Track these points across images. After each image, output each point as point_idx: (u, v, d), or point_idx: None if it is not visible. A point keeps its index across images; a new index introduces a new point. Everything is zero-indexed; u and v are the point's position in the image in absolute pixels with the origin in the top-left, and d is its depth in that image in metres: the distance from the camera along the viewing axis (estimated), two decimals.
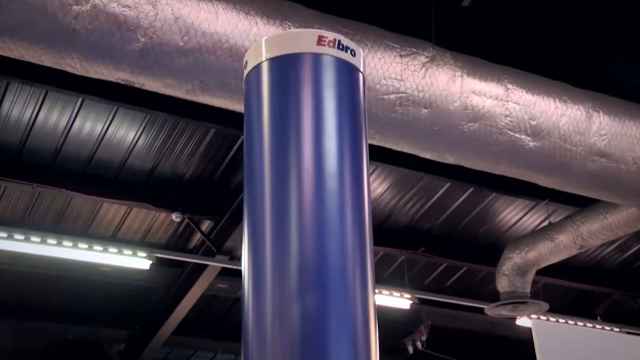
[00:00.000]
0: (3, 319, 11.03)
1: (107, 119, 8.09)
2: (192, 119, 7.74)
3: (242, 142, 4.14)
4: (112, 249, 8.84)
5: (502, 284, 9.42)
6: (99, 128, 8.17)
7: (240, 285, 1.88)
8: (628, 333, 10.94)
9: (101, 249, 8.75)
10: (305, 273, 1.64)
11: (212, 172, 9.07)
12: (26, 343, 12.24)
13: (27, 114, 7.82)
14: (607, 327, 11.21)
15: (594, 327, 11.01)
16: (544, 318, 10.41)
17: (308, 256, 1.67)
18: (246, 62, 2.18)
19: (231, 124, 7.54)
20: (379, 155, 7.29)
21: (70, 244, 8.56)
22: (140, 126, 8.27)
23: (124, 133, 8.32)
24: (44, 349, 12.36)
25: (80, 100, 7.70)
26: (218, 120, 7.52)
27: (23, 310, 11.05)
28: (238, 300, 11.70)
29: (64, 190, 8.59)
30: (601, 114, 6.34)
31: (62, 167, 8.53)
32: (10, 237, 8.19)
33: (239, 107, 5.18)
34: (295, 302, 1.54)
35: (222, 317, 12.32)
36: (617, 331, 11.14)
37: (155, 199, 9.09)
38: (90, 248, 8.68)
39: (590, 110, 6.28)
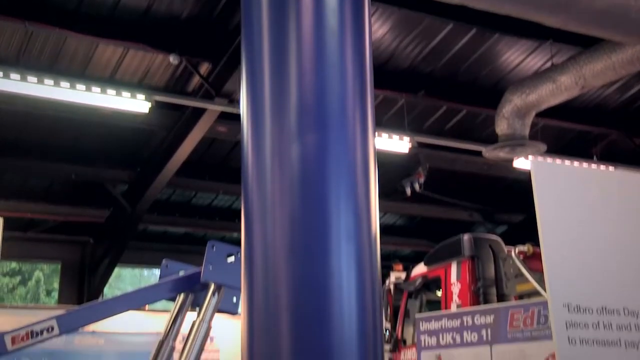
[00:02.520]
0: (6, 157, 11.16)
1: None
2: None
3: None
4: (110, 91, 8.76)
5: (501, 127, 9.44)
6: None
7: (240, 129, 1.85)
8: None
9: (99, 90, 8.68)
10: (305, 113, 1.61)
11: (210, 11, 8.83)
12: (31, 182, 12.46)
13: None
14: (602, 167, 11.38)
15: (590, 166, 11.15)
16: (542, 159, 10.53)
17: (307, 96, 1.63)
18: None
19: None
20: None
21: (67, 84, 8.47)
22: None
23: None
24: (48, 188, 12.61)
25: None
26: None
27: (25, 150, 11.16)
28: (238, 144, 11.78)
29: (57, 29, 8.39)
30: None
31: (54, 4, 8.30)
32: (6, 77, 8.09)
33: None
34: (294, 142, 1.52)
35: (222, 160, 12.47)
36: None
37: (151, 39, 8.91)
38: (88, 89, 8.60)
39: None
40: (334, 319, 1.05)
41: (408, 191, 12.24)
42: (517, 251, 7.54)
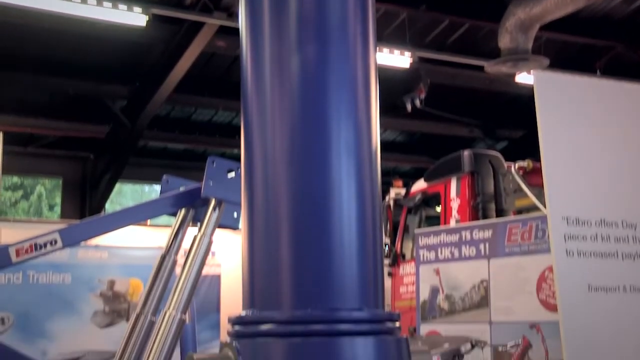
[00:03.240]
0: (1, 71, 11.05)
1: None
2: None
3: None
4: (106, 3, 8.59)
5: (504, 41, 9.30)
6: None
7: (239, 43, 1.81)
8: None
9: (95, 2, 8.50)
10: (305, 26, 1.57)
11: None
12: (29, 96, 12.38)
13: None
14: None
15: None
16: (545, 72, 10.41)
17: (307, 8, 1.59)
18: None
19: None
20: None
21: None
22: None
23: None
24: (47, 103, 12.54)
25: None
26: None
27: (21, 64, 11.03)
28: (237, 59, 11.65)
29: None
30: None
31: None
32: None
33: None
34: (294, 55, 1.49)
35: (222, 75, 12.35)
36: None
37: None
38: (84, 2, 8.43)
39: None
40: (334, 234, 1.06)
41: (409, 107, 12.17)
42: (516, 167, 7.56)
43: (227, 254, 9.63)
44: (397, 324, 1.07)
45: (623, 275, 2.92)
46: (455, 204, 8.32)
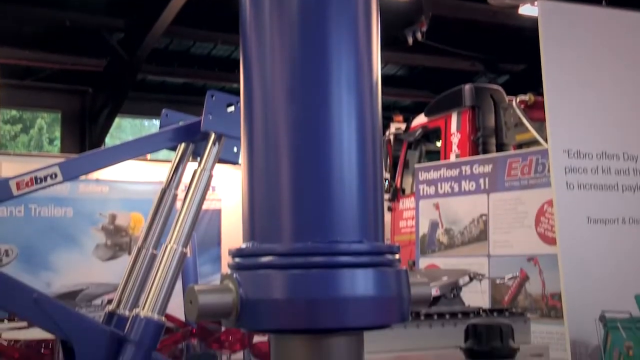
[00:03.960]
0: None
1: None
2: None
3: None
4: None
5: None
6: None
7: None
8: None
9: None
10: None
11: None
12: (24, 29, 12.22)
13: None
14: None
15: None
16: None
17: None
18: None
19: None
20: None
21: None
22: None
23: None
24: (43, 36, 12.38)
25: None
26: None
27: None
28: None
29: None
30: None
31: None
32: None
33: None
34: None
35: (220, 8, 12.16)
36: None
37: None
38: None
39: None
40: (334, 167, 1.05)
41: (410, 40, 12.02)
42: (518, 100, 7.51)
43: (228, 189, 9.68)
44: (397, 256, 1.08)
45: (622, 207, 2.93)
46: (455, 138, 8.31)
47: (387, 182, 9.20)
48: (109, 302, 3.30)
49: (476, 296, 5.33)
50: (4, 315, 6.09)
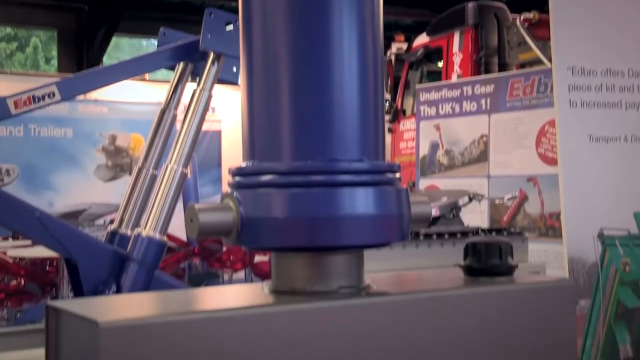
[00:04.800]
0: None
1: None
2: None
3: None
4: None
5: None
6: None
7: None
8: None
9: None
10: None
11: None
12: None
13: None
14: None
15: None
16: None
17: None
18: None
19: None
20: None
21: None
22: None
23: None
24: None
25: None
26: None
27: None
28: None
29: None
30: None
31: None
32: None
33: None
34: None
35: None
36: None
37: None
38: None
39: None
40: (335, 85, 1.04)
41: None
42: (522, 18, 7.38)
43: (228, 110, 9.63)
44: (398, 175, 1.07)
45: (625, 125, 2.92)
46: (457, 58, 8.21)
47: (387, 103, 9.15)
48: (111, 222, 3.33)
49: (475, 216, 5.38)
50: (7, 233, 6.16)
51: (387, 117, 8.95)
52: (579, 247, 2.82)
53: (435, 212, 4.44)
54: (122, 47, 19.95)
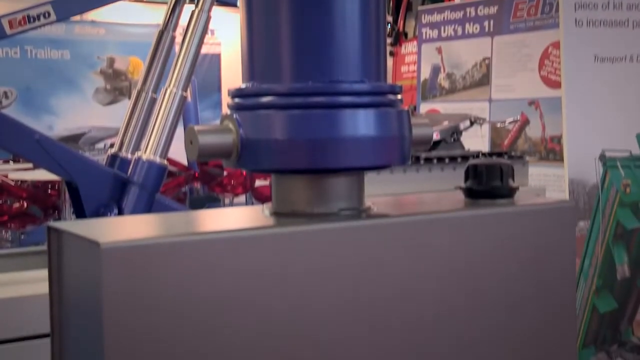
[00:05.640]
0: None
1: None
2: None
3: None
4: None
5: None
6: None
7: None
8: None
9: None
10: None
11: None
12: None
13: None
14: None
15: None
16: None
17: None
18: None
19: None
20: None
21: None
22: None
23: None
24: None
25: None
26: None
27: None
28: None
29: None
30: None
31: None
32: None
33: None
34: None
35: None
36: None
37: None
38: None
39: None
40: (336, 7, 1.01)
41: None
42: None
43: (227, 33, 9.50)
44: (399, 96, 1.06)
45: (632, 44, 2.88)
46: None
47: (389, 26, 9.02)
48: (112, 145, 3.33)
49: (476, 141, 5.37)
50: (8, 156, 6.17)
51: (388, 40, 8.84)
52: (580, 169, 2.83)
53: (436, 136, 4.43)
54: None
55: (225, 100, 1.06)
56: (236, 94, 1.03)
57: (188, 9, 3.18)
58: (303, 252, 0.89)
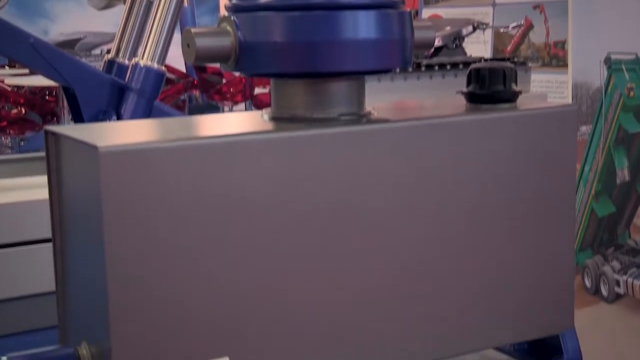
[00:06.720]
0: None
1: None
2: None
3: None
4: None
5: None
6: None
7: None
8: None
9: None
10: None
11: None
12: None
13: None
14: None
15: None
16: None
17: None
18: None
19: None
20: None
21: None
22: None
23: None
24: None
25: None
26: None
27: None
28: None
29: None
30: None
31: None
32: None
33: None
34: None
35: None
36: None
37: None
38: None
39: None
40: None
41: None
42: None
43: None
44: None
45: None
46: None
47: None
48: (108, 52, 3.27)
49: (478, 47, 5.28)
50: (3, 61, 6.09)
51: None
52: (584, 72, 2.79)
53: (437, 42, 4.36)
54: None
55: (223, 4, 1.03)
56: None
57: None
58: (303, 156, 0.88)
